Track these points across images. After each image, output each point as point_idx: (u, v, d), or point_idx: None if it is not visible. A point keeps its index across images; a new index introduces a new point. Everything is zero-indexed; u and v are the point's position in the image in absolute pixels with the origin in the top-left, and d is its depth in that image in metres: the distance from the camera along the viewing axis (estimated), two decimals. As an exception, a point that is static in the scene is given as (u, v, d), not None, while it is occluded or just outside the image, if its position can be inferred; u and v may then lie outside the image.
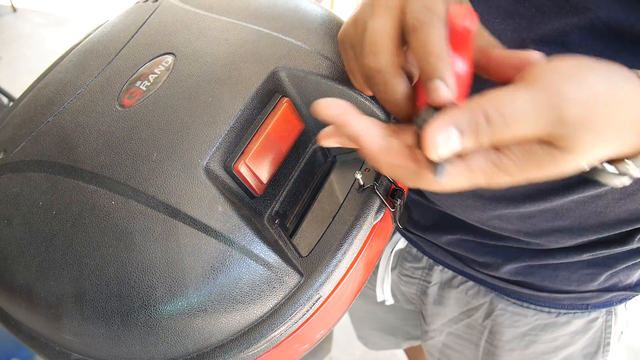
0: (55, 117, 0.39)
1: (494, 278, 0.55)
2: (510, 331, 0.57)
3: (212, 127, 0.34)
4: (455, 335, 0.65)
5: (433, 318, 0.66)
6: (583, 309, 0.53)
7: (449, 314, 0.64)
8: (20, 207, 0.35)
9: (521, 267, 0.52)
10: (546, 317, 0.55)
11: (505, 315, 0.57)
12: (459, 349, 0.66)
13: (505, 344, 0.59)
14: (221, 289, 0.31)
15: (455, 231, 0.55)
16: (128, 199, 0.32)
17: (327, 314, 0.37)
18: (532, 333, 0.56)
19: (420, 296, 0.67)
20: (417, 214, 0.60)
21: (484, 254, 0.54)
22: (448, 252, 0.59)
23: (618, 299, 0.53)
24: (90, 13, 3.19)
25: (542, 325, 0.55)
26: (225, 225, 0.31)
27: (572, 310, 0.54)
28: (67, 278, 0.32)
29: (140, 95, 0.37)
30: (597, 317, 0.54)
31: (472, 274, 0.58)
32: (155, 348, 0.32)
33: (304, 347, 0.38)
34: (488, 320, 0.59)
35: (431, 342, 0.69)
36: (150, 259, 0.30)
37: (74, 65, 0.44)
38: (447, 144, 0.22)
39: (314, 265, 0.33)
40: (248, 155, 0.34)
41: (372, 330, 0.90)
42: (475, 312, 0.60)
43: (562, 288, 0.52)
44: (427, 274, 0.64)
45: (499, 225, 0.50)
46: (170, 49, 0.40)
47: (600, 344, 0.56)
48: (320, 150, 0.41)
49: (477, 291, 0.59)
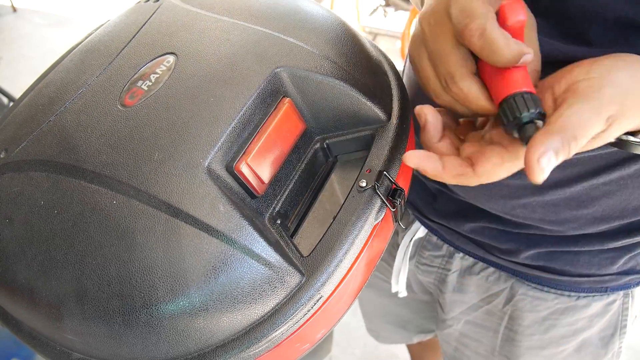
0: (57, 116, 0.39)
1: (516, 264, 0.56)
2: (531, 316, 0.58)
3: (213, 127, 0.34)
4: (473, 324, 0.66)
5: (452, 306, 0.66)
6: (602, 291, 0.54)
7: (469, 301, 0.64)
8: (22, 206, 0.35)
9: (543, 252, 0.53)
10: (566, 300, 0.56)
11: (525, 300, 0.58)
12: (477, 337, 0.66)
13: (525, 329, 0.59)
14: (222, 289, 0.31)
15: (478, 219, 0.56)
16: (130, 199, 0.32)
17: (328, 314, 0.37)
18: (552, 317, 0.57)
19: (438, 285, 0.68)
20: (439, 204, 0.60)
21: (506, 241, 0.55)
22: (470, 240, 0.59)
23: (635, 281, 0.54)
24: (91, 13, 3.20)
25: (562, 309, 0.56)
26: (227, 225, 0.31)
27: (592, 294, 0.55)
28: (68, 277, 0.32)
29: (141, 95, 0.37)
30: (615, 299, 0.55)
31: (494, 261, 0.58)
32: (156, 347, 0.32)
33: (305, 347, 0.38)
34: (508, 305, 0.60)
35: (448, 330, 0.70)
36: (152, 259, 0.30)
37: (75, 65, 0.44)
38: (548, 166, 0.28)
39: (315, 265, 0.33)
40: (250, 155, 0.34)
41: (383, 324, 0.90)
42: (495, 298, 0.61)
43: (582, 272, 0.53)
44: (447, 261, 0.65)
45: (522, 214, 0.50)
46: (171, 49, 0.40)
47: (617, 327, 0.58)
48: (321, 151, 0.41)
49: (498, 277, 0.60)
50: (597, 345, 0.59)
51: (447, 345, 0.73)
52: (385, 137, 0.39)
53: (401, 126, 0.40)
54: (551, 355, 0.60)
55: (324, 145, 0.41)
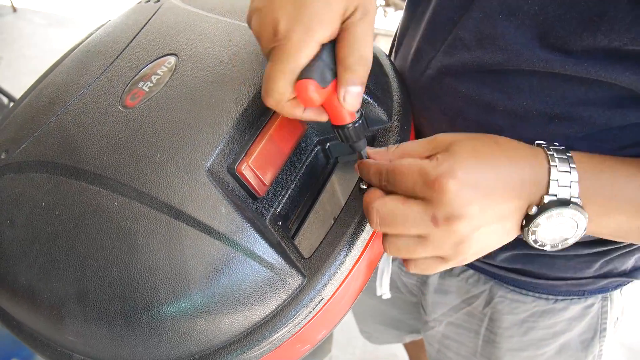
0: (58, 117, 0.39)
1: (492, 266, 0.56)
2: (510, 318, 0.58)
3: (214, 128, 0.34)
4: (455, 325, 0.66)
5: (434, 307, 0.67)
6: (580, 295, 0.54)
7: (450, 303, 0.65)
8: (23, 207, 0.35)
9: (518, 255, 0.53)
10: (544, 303, 0.56)
11: (504, 302, 0.58)
12: (459, 338, 0.67)
13: (504, 330, 0.59)
14: (224, 291, 0.31)
15: None
16: (131, 200, 0.32)
17: (329, 315, 0.37)
18: (531, 319, 0.58)
19: (420, 287, 0.68)
20: None
21: None
22: None
23: (613, 285, 0.54)
24: (91, 13, 3.20)
25: (541, 312, 0.57)
26: (229, 226, 0.31)
27: (569, 297, 0.55)
28: (70, 279, 0.32)
29: (143, 96, 0.37)
30: (593, 302, 0.55)
31: (472, 263, 0.59)
32: (157, 349, 0.32)
33: (306, 348, 0.38)
34: (488, 307, 0.60)
35: (431, 332, 0.70)
36: (154, 261, 0.30)
37: (76, 65, 0.44)
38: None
39: (316, 266, 0.33)
40: (251, 157, 0.34)
41: (375, 324, 0.91)
42: (475, 300, 0.61)
43: (559, 275, 0.53)
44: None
45: None
46: (172, 50, 0.40)
47: (596, 330, 0.58)
48: (322, 152, 0.41)
49: (477, 279, 0.60)
50: (578, 348, 0.59)
51: (430, 347, 0.74)
52: (386, 138, 0.39)
53: (402, 127, 0.40)
54: (531, 357, 0.60)
55: (325, 147, 0.41)
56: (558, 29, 0.34)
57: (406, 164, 0.32)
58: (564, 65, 0.35)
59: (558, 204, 0.31)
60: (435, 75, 0.43)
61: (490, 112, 0.40)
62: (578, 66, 0.34)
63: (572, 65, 0.34)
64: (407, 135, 0.41)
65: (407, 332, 0.89)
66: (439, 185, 0.30)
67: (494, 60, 0.38)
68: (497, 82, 0.39)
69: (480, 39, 0.38)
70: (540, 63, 0.35)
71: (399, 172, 0.32)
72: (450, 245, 0.31)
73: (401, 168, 0.32)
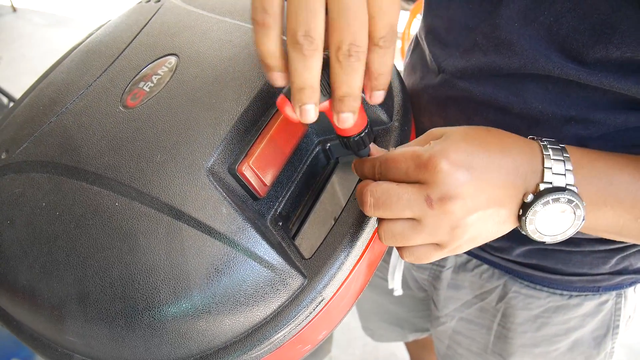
0: (58, 117, 0.39)
1: (508, 261, 0.56)
2: (523, 313, 0.58)
3: (215, 128, 0.34)
4: (467, 321, 0.66)
5: (446, 302, 0.67)
6: (594, 291, 0.54)
7: (463, 298, 0.65)
8: (23, 207, 0.35)
9: (535, 250, 0.53)
10: (558, 299, 0.56)
11: (518, 297, 0.58)
12: (470, 334, 0.67)
13: (518, 326, 0.59)
14: (225, 291, 0.31)
15: None
16: (132, 201, 0.32)
17: (330, 315, 0.37)
18: (545, 315, 0.57)
19: (433, 282, 0.68)
20: None
21: (499, 238, 0.55)
22: None
23: (628, 282, 0.54)
24: (91, 13, 3.20)
25: (555, 308, 0.56)
26: (229, 227, 0.31)
27: (584, 293, 0.55)
28: (70, 279, 0.32)
29: (143, 97, 0.37)
30: (607, 299, 0.55)
31: (487, 257, 0.58)
32: (158, 350, 0.32)
33: (306, 348, 0.38)
34: (501, 303, 0.60)
35: (442, 327, 0.70)
36: (154, 261, 0.30)
37: (77, 65, 0.44)
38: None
39: (317, 267, 0.33)
40: (252, 158, 0.34)
41: (379, 322, 0.91)
42: (488, 295, 0.61)
43: (574, 271, 0.53)
44: (442, 258, 0.65)
45: None
46: (173, 50, 0.40)
47: (609, 327, 0.58)
48: (322, 152, 0.41)
49: (492, 274, 0.60)
50: (590, 344, 0.59)
51: (440, 343, 0.73)
52: (387, 138, 0.39)
53: (402, 128, 0.40)
54: (544, 353, 0.60)
55: (326, 147, 0.41)
56: (572, 40, 0.34)
57: (399, 152, 0.32)
58: (578, 75, 0.35)
59: (554, 190, 0.31)
60: (449, 78, 0.43)
61: (505, 115, 0.40)
62: (592, 76, 0.35)
63: (585, 75, 0.35)
64: (408, 135, 0.41)
65: (411, 331, 0.89)
66: (432, 166, 0.30)
67: (510, 65, 0.38)
68: (512, 86, 0.39)
69: (497, 44, 0.38)
70: (556, 69, 0.36)
71: (392, 160, 0.32)
72: (445, 229, 0.31)
73: (394, 156, 0.32)
